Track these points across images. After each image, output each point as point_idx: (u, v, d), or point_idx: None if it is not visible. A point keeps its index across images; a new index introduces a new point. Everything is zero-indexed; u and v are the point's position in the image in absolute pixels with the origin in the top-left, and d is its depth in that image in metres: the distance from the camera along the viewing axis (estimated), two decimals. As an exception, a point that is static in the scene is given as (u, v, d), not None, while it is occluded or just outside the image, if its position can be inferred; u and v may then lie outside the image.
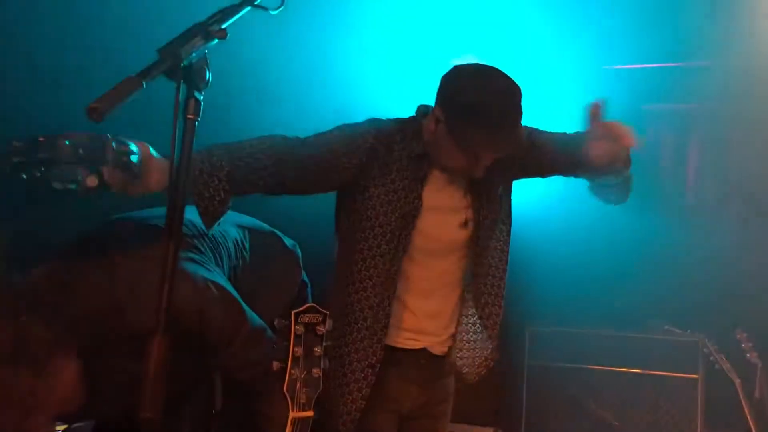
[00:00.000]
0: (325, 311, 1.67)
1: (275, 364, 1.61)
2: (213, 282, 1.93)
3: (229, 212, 2.26)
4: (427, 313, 2.13)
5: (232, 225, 2.30)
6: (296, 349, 1.62)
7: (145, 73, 1.18)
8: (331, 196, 2.19)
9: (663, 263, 3.73)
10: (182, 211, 1.32)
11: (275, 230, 2.50)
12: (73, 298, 1.73)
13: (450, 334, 2.20)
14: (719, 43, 3.57)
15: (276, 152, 1.89)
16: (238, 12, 1.37)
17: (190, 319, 1.84)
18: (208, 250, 2.08)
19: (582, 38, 3.82)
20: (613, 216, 3.89)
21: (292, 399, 1.61)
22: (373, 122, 2.08)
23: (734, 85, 3.57)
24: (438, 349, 2.18)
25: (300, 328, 1.62)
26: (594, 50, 3.85)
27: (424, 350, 2.15)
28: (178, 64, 1.25)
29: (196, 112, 1.30)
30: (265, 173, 1.87)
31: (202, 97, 1.32)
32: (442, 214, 2.08)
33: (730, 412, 3.14)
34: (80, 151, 1.39)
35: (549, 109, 3.89)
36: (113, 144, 1.45)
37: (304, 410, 1.62)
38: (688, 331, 3.26)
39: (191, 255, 1.99)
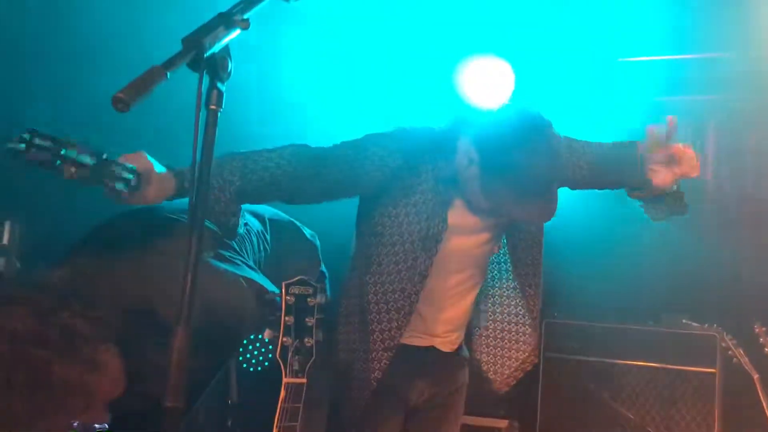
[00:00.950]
0: (316, 284, 1.74)
1: (267, 332, 1.70)
2: (244, 278, 1.94)
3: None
4: (439, 319, 2.13)
5: (252, 215, 2.31)
6: (287, 318, 1.71)
7: (169, 64, 1.18)
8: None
9: (681, 257, 3.70)
10: (205, 204, 1.31)
11: (294, 220, 2.49)
12: (102, 292, 1.74)
13: (460, 333, 2.20)
14: (737, 34, 3.53)
15: (293, 168, 1.85)
16: (260, 1, 1.36)
17: (225, 314, 1.86)
18: (234, 244, 2.08)
19: (596, 30, 3.80)
20: (631, 210, 3.87)
21: (285, 365, 1.70)
22: (403, 138, 1.99)
23: (753, 77, 3.54)
24: (447, 347, 2.17)
25: (291, 299, 1.71)
26: (609, 42, 3.83)
27: (432, 348, 2.15)
28: (201, 55, 1.24)
29: (219, 103, 1.30)
30: (277, 188, 1.87)
31: (224, 88, 1.32)
32: (466, 236, 2.05)
33: (748, 407, 3.12)
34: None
35: (563, 101, 3.87)
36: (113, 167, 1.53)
37: (297, 377, 1.71)
38: (706, 325, 3.24)
39: (221, 252, 2.00)
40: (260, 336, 2.46)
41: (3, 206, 3.17)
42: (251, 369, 2.80)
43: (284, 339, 1.70)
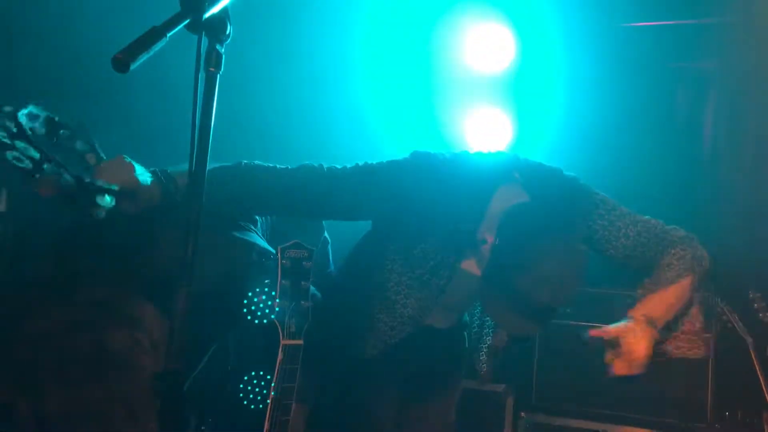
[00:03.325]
0: (311, 247, 1.76)
1: (275, 303, 1.73)
2: (239, 238, 1.95)
3: None
4: None
5: None
6: (284, 281, 1.74)
7: (168, 25, 1.16)
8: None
9: (677, 223, 3.71)
10: (205, 168, 1.30)
11: None
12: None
13: None
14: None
15: (305, 187, 1.83)
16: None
17: (224, 273, 1.87)
18: None
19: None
20: (628, 177, 3.88)
21: (282, 327, 1.73)
22: (428, 169, 1.91)
23: (756, 42, 3.51)
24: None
25: (287, 262, 1.74)
26: (611, 6, 3.79)
27: None
28: (200, 17, 1.23)
29: (218, 65, 1.28)
30: (273, 213, 1.95)
31: (223, 50, 1.30)
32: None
33: (742, 370, 3.16)
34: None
35: (567, 68, 3.84)
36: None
37: (294, 338, 1.74)
38: (702, 290, 3.25)
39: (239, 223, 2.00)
40: (266, 289, 2.44)
41: (0, 174, 3.16)
42: (256, 321, 2.80)
43: (281, 302, 1.73)
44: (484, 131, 3.97)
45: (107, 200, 1.56)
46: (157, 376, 1.23)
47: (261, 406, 2.88)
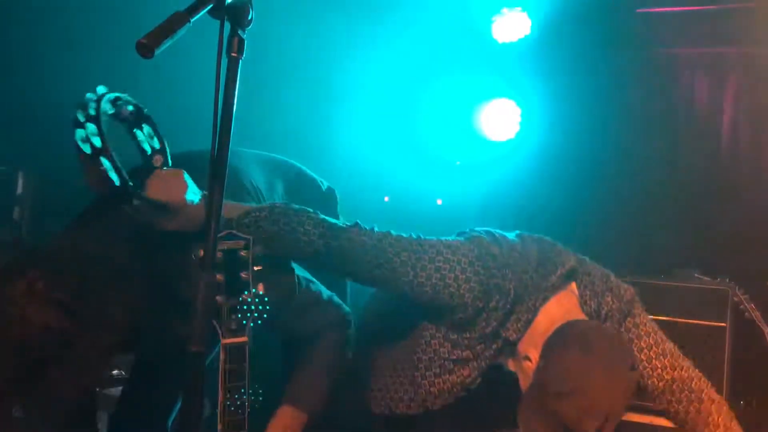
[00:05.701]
0: (247, 236, 1.59)
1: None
2: None
3: (255, 152, 2.24)
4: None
5: (261, 171, 2.22)
6: (217, 276, 1.53)
7: (191, 9, 1.17)
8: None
9: (694, 210, 3.70)
10: (226, 156, 1.31)
11: (309, 172, 2.43)
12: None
13: None
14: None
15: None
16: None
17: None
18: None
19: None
20: (644, 164, 3.86)
21: (221, 326, 1.56)
22: (482, 269, 1.81)
23: None
24: None
25: (219, 254, 1.52)
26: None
27: None
28: (223, 2, 1.23)
29: (240, 51, 1.29)
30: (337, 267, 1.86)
31: (245, 36, 1.30)
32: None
33: (758, 361, 3.15)
34: None
35: (582, 55, 3.82)
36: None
37: (236, 336, 1.57)
38: (718, 279, 3.24)
39: None
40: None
41: (18, 157, 3.19)
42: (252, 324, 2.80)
43: (216, 298, 1.53)
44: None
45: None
46: (181, 359, 1.24)
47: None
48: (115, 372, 2.88)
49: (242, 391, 1.59)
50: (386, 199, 4.05)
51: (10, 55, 2.84)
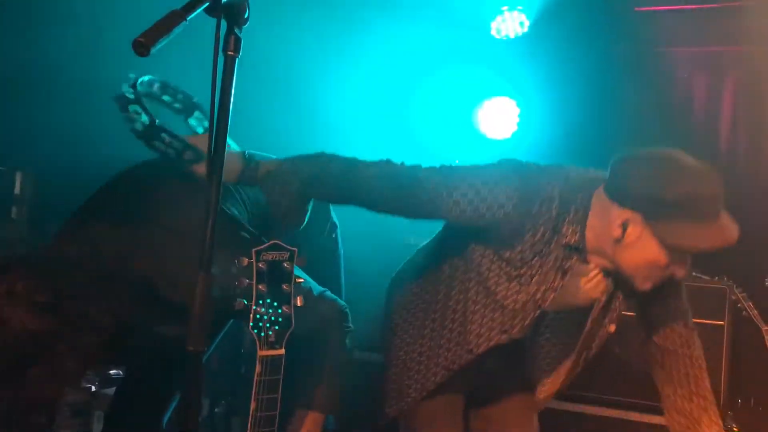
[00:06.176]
0: (291, 248, 1.60)
1: (238, 302, 1.57)
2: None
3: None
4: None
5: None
6: (260, 286, 1.57)
7: (188, 7, 1.16)
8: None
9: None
10: (223, 153, 1.31)
11: None
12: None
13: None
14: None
15: (383, 188, 1.80)
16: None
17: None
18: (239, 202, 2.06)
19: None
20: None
21: (260, 337, 1.57)
22: (518, 179, 1.79)
23: None
24: None
25: (263, 266, 1.57)
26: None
27: None
28: (219, 0, 1.22)
29: (237, 49, 1.29)
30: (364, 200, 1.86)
31: (241, 34, 1.30)
32: (566, 314, 1.96)
33: (756, 359, 3.15)
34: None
35: (580, 53, 3.81)
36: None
37: (273, 348, 1.59)
38: (716, 277, 3.24)
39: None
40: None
41: (16, 157, 3.18)
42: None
43: (257, 309, 1.56)
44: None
45: (177, 145, 1.82)
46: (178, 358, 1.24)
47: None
48: (113, 372, 2.88)
49: (274, 403, 1.59)
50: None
51: (7, 54, 2.84)
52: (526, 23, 3.91)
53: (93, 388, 2.80)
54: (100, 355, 1.74)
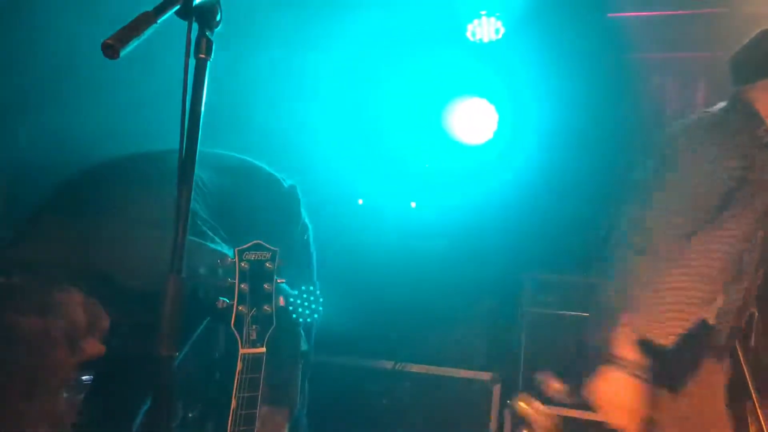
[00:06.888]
0: (273, 248, 1.63)
1: (220, 302, 1.60)
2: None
3: (213, 154, 2.22)
4: None
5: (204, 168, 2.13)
6: (242, 285, 1.61)
7: (159, 10, 1.15)
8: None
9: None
10: (194, 157, 1.30)
11: (268, 170, 2.34)
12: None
13: None
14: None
15: None
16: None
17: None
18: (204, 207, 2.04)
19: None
20: (617, 167, 3.89)
21: (241, 336, 1.61)
22: None
23: (749, 34, 3.50)
24: None
25: (245, 265, 1.61)
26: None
27: None
28: (191, 3, 1.22)
29: (208, 52, 1.28)
30: None
31: (213, 37, 1.29)
32: None
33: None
34: None
35: (551, 59, 3.84)
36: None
37: (255, 347, 1.61)
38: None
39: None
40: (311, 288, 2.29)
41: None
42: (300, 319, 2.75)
43: (239, 308, 1.60)
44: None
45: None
46: (148, 362, 1.23)
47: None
48: (84, 378, 2.84)
49: (255, 401, 1.61)
50: (360, 201, 4.05)
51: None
52: (502, 30, 3.93)
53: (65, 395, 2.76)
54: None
